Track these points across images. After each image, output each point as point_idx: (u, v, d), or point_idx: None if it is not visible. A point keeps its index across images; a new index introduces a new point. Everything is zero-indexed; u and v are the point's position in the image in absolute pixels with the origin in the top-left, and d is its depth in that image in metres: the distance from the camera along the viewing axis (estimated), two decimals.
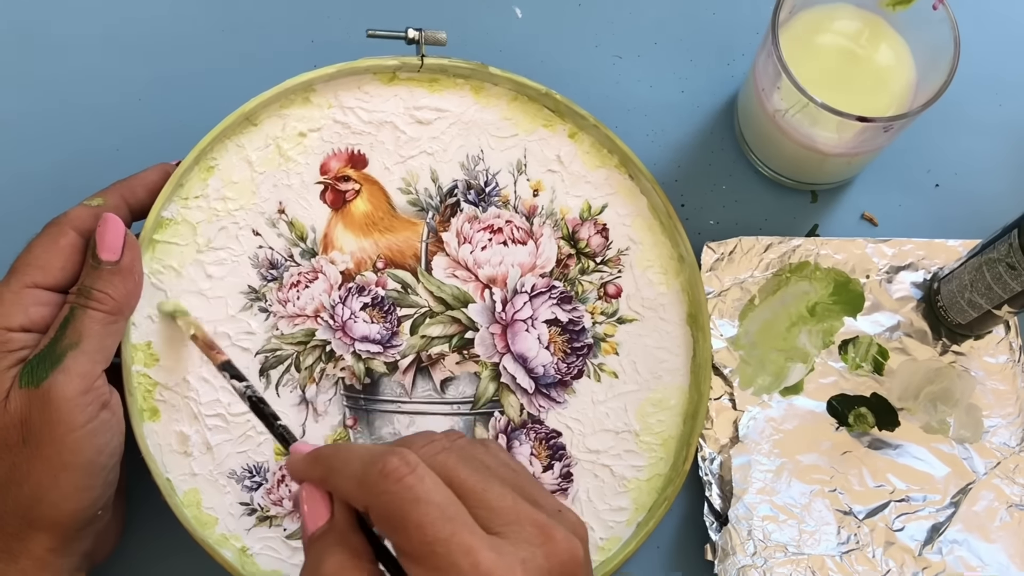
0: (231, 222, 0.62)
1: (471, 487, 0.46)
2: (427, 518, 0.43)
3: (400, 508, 0.44)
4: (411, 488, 0.44)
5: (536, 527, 0.45)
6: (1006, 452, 0.67)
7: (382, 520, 0.45)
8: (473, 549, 0.43)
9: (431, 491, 0.44)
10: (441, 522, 0.43)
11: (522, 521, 0.45)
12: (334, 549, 0.46)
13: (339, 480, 0.47)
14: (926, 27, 0.64)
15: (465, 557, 0.43)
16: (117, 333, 0.56)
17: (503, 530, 0.45)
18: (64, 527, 0.54)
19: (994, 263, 0.62)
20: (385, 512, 0.44)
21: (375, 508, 0.45)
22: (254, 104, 0.61)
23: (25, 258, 0.56)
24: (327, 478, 0.48)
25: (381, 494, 0.44)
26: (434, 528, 0.43)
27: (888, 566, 0.64)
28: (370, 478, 0.45)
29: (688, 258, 0.66)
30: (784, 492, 0.65)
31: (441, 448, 0.47)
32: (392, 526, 0.44)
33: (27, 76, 0.71)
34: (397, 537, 0.44)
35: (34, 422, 0.53)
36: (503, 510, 0.46)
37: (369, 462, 0.45)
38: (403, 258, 0.64)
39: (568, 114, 0.65)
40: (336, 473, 0.47)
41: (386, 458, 0.45)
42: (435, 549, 0.43)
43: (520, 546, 0.44)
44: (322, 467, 0.48)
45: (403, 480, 0.44)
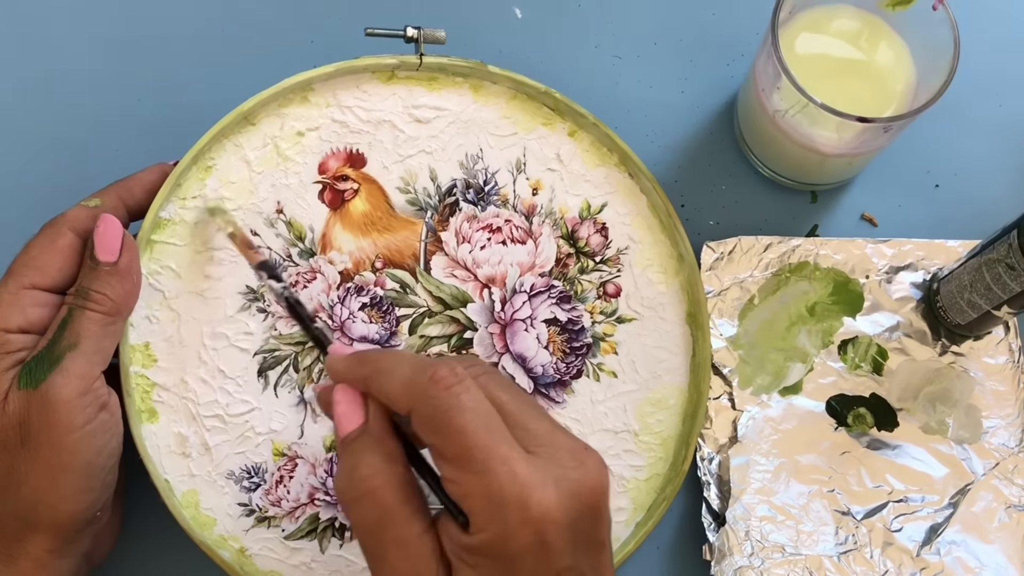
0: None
1: (511, 408, 0.47)
2: (471, 425, 0.45)
3: (446, 413, 0.45)
4: (458, 396, 0.45)
5: (569, 452, 0.47)
6: (1005, 453, 0.66)
7: (425, 423, 0.46)
8: (510, 459, 0.45)
9: (476, 402, 0.46)
10: (483, 431, 0.45)
11: (557, 444, 0.47)
12: (370, 452, 0.48)
13: (386, 381, 0.48)
14: (926, 27, 0.64)
15: (502, 465, 0.44)
16: (115, 334, 0.56)
17: (538, 450, 0.46)
18: (63, 528, 0.54)
19: (994, 264, 0.61)
20: (431, 415, 0.46)
21: (420, 411, 0.46)
22: (252, 103, 0.60)
23: (23, 259, 0.56)
24: (371, 378, 0.49)
25: (429, 398, 0.46)
26: (476, 435, 0.45)
27: (886, 567, 0.64)
28: (419, 382, 0.46)
29: (688, 257, 0.65)
30: (782, 492, 0.65)
31: (484, 371, 0.49)
32: (435, 429, 0.45)
33: (26, 76, 0.71)
34: (439, 439, 0.46)
35: (32, 424, 0.52)
36: (540, 432, 0.47)
37: (420, 368, 0.47)
38: (402, 258, 0.63)
39: (567, 112, 0.65)
40: (384, 374, 0.48)
41: (437, 366, 0.46)
42: (474, 454, 0.45)
43: (553, 465, 0.46)
44: (368, 367, 0.49)
45: (451, 388, 0.46)
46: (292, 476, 0.62)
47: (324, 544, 0.62)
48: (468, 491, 0.45)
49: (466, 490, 0.45)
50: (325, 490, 0.62)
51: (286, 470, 0.62)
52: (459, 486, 0.45)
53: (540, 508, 0.44)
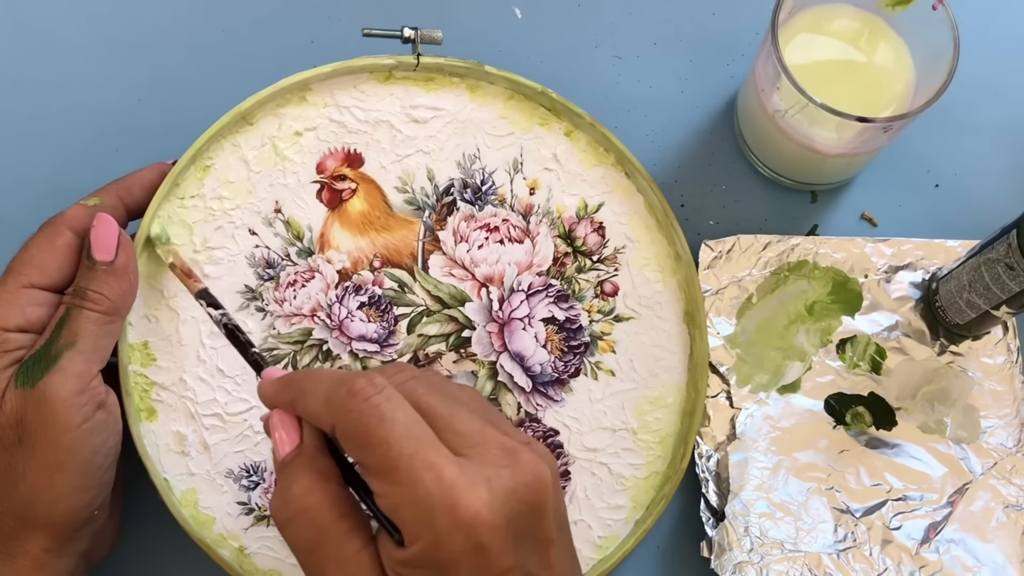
0: (227, 221, 0.61)
1: (439, 412, 0.46)
2: (392, 435, 0.44)
3: (365, 425, 0.44)
4: (377, 407, 0.45)
5: (502, 449, 0.46)
6: (1003, 453, 0.66)
7: (347, 438, 0.45)
8: (436, 465, 0.44)
9: (396, 410, 0.45)
10: (405, 439, 0.44)
11: (488, 444, 0.46)
12: (302, 472, 0.47)
13: (308, 401, 0.47)
14: (926, 27, 0.63)
15: (428, 472, 0.43)
16: (113, 333, 0.56)
17: (468, 452, 0.45)
18: (60, 527, 0.54)
19: (993, 263, 0.61)
20: (351, 430, 0.45)
21: (341, 426, 0.45)
22: (250, 103, 0.60)
23: (21, 258, 0.56)
24: (296, 400, 0.48)
25: (348, 412, 0.45)
26: (399, 444, 0.44)
27: (885, 564, 0.63)
28: (337, 397, 0.45)
29: (685, 256, 0.65)
30: (781, 489, 0.65)
31: (410, 376, 0.48)
32: (357, 443, 0.45)
33: (25, 76, 0.71)
34: (362, 454, 0.45)
35: (29, 422, 0.52)
36: (469, 433, 0.46)
37: (337, 383, 0.46)
38: (400, 257, 0.63)
39: (564, 112, 0.64)
40: (305, 394, 0.47)
41: (354, 379, 0.45)
42: (398, 464, 0.44)
43: (485, 466, 0.45)
44: (293, 390, 0.49)
45: (369, 399, 0.45)
46: None
47: None
48: (397, 503, 0.44)
49: (395, 502, 0.44)
50: None
51: None
52: (388, 499, 0.44)
53: (470, 511, 0.43)
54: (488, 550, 0.43)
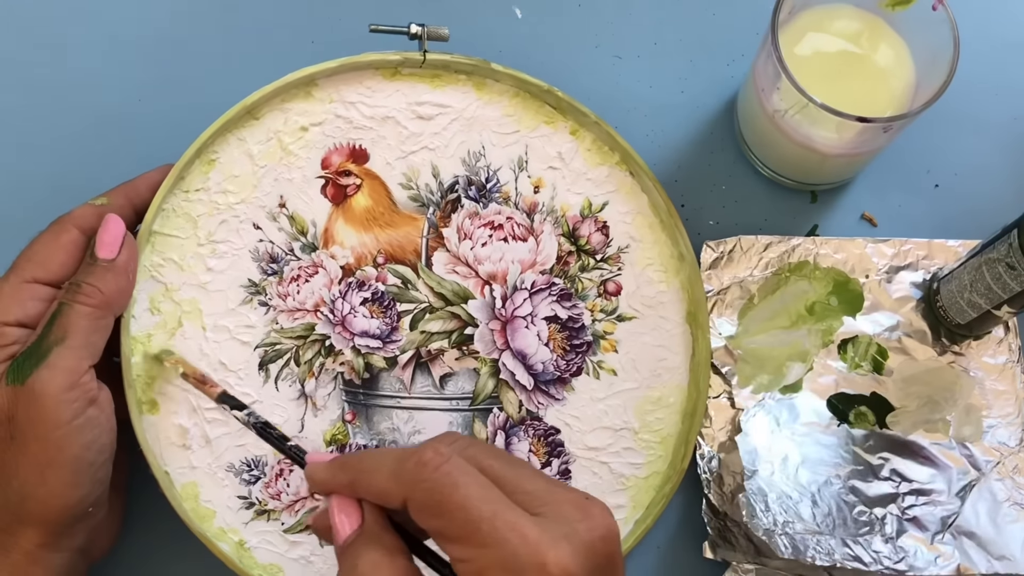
0: (232, 215, 0.63)
1: (505, 474, 0.47)
2: (469, 500, 0.45)
3: (441, 493, 0.45)
4: (449, 474, 0.46)
5: (573, 505, 0.47)
6: (1006, 452, 0.68)
7: (422, 508, 0.46)
8: (518, 524, 0.45)
9: (470, 475, 0.46)
10: (484, 502, 0.45)
11: (559, 501, 0.47)
12: (368, 548, 0.48)
13: (373, 478, 0.48)
14: (926, 27, 0.65)
15: (511, 532, 0.44)
16: (104, 329, 0.57)
17: (542, 510, 0.46)
18: (52, 523, 0.55)
19: (994, 263, 0.63)
20: (426, 500, 0.46)
21: (415, 498, 0.46)
22: (256, 97, 0.62)
23: (26, 254, 0.58)
24: (357, 481, 0.49)
25: (421, 483, 0.46)
26: (478, 508, 0.45)
27: (902, 552, 0.65)
28: (407, 470, 0.46)
29: (688, 256, 0.67)
30: (793, 478, 0.66)
31: (469, 443, 0.49)
32: (434, 512, 0.45)
33: (27, 77, 0.73)
34: (440, 522, 0.45)
35: (20, 419, 0.54)
36: (537, 492, 0.47)
37: (403, 457, 0.47)
38: (403, 253, 0.65)
39: (570, 111, 0.66)
40: (368, 473, 0.48)
41: (421, 451, 0.46)
42: (480, 527, 0.44)
43: (561, 522, 0.46)
44: (351, 471, 0.49)
45: (440, 468, 0.46)
46: (292, 470, 0.63)
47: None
48: (483, 566, 0.44)
49: (480, 565, 0.45)
50: None
51: (286, 464, 0.63)
52: (472, 563, 0.45)
53: (559, 567, 0.44)
54: None
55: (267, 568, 0.62)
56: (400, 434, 0.65)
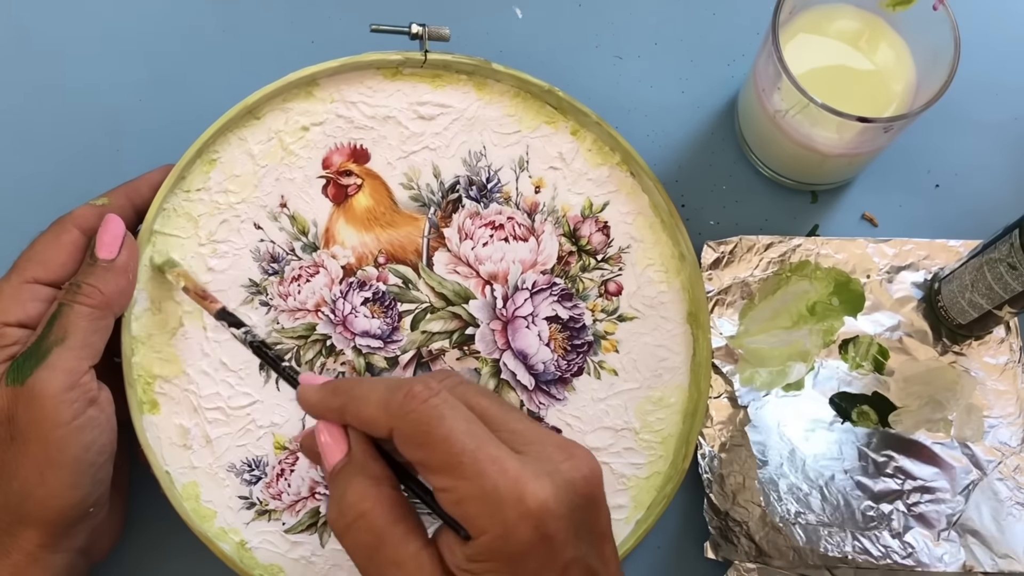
0: (233, 215, 0.63)
1: (493, 413, 0.49)
2: (453, 433, 0.46)
3: (427, 425, 0.46)
4: (436, 407, 0.47)
5: (557, 446, 0.48)
6: (1007, 452, 0.68)
7: (408, 439, 0.47)
8: (499, 458, 0.46)
9: (456, 409, 0.47)
10: (467, 436, 0.46)
11: (543, 441, 0.48)
12: (356, 478, 0.49)
13: (362, 406, 0.49)
14: (926, 27, 0.65)
15: (492, 465, 0.45)
16: (104, 329, 0.57)
17: (525, 448, 0.48)
18: (53, 524, 0.55)
19: (995, 263, 0.63)
20: (411, 431, 0.47)
21: (401, 429, 0.47)
22: (257, 97, 0.62)
23: (27, 254, 0.58)
24: (346, 406, 0.50)
25: (407, 414, 0.47)
26: (461, 441, 0.46)
27: (910, 547, 0.66)
28: (395, 401, 0.47)
29: (689, 256, 0.67)
30: (784, 488, 0.67)
31: (459, 381, 0.50)
32: (419, 443, 0.47)
33: (27, 77, 0.73)
34: (423, 453, 0.47)
35: (20, 419, 0.54)
36: (523, 431, 0.49)
37: (394, 387, 0.48)
38: (404, 253, 0.66)
39: (571, 111, 0.67)
40: (358, 400, 0.49)
41: (411, 383, 0.48)
42: (462, 459, 0.46)
43: (543, 460, 0.47)
44: (342, 396, 0.50)
45: (428, 400, 0.47)
46: (293, 470, 0.63)
47: (324, 538, 0.63)
48: (462, 496, 0.46)
49: (460, 495, 0.46)
50: (326, 484, 0.63)
51: (287, 464, 0.63)
52: (452, 493, 0.46)
53: (537, 500, 0.45)
54: (553, 540, 0.45)
55: (268, 568, 0.63)
56: None
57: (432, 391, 0.47)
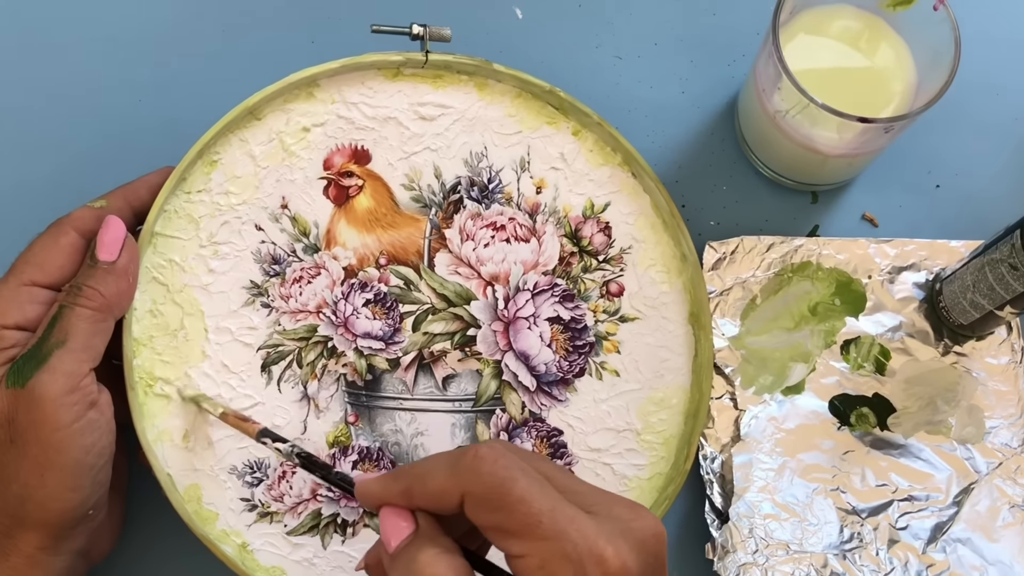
0: (234, 217, 0.64)
1: (555, 474, 0.48)
2: (528, 492, 0.46)
3: (501, 486, 0.46)
4: (508, 467, 0.46)
5: (624, 506, 0.48)
6: (1008, 453, 0.70)
7: (482, 503, 0.47)
8: (577, 518, 0.46)
9: (526, 471, 0.47)
10: (543, 497, 0.46)
11: (609, 502, 0.48)
12: (425, 547, 0.48)
13: (427, 481, 0.48)
14: (927, 28, 0.66)
15: (571, 524, 0.45)
16: (105, 332, 0.58)
17: (595, 509, 0.47)
18: (53, 526, 0.56)
19: (997, 264, 0.64)
20: (485, 493, 0.46)
21: (474, 492, 0.47)
22: (258, 98, 0.63)
23: (25, 256, 0.59)
24: (412, 487, 0.49)
25: (480, 476, 0.46)
26: (538, 502, 0.46)
27: (892, 564, 0.67)
28: (464, 465, 0.47)
29: (690, 257, 0.68)
30: (786, 490, 0.68)
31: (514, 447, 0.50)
32: (494, 505, 0.46)
33: (27, 77, 0.74)
34: (499, 516, 0.46)
35: (20, 422, 0.55)
36: (588, 492, 0.48)
37: (459, 455, 0.48)
38: (406, 254, 0.67)
39: (572, 112, 0.68)
40: (422, 477, 0.49)
41: (476, 447, 0.47)
42: (541, 520, 0.45)
43: (615, 520, 0.47)
44: (404, 478, 0.50)
45: (498, 461, 0.46)
46: (295, 472, 0.64)
47: (326, 540, 0.65)
48: (544, 560, 0.45)
49: (541, 559, 0.45)
50: (327, 486, 0.65)
51: (289, 466, 0.64)
52: (532, 558, 0.45)
53: (618, 561, 0.45)
54: None
55: (270, 571, 0.64)
56: (403, 436, 0.66)
57: (499, 452, 0.47)
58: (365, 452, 0.66)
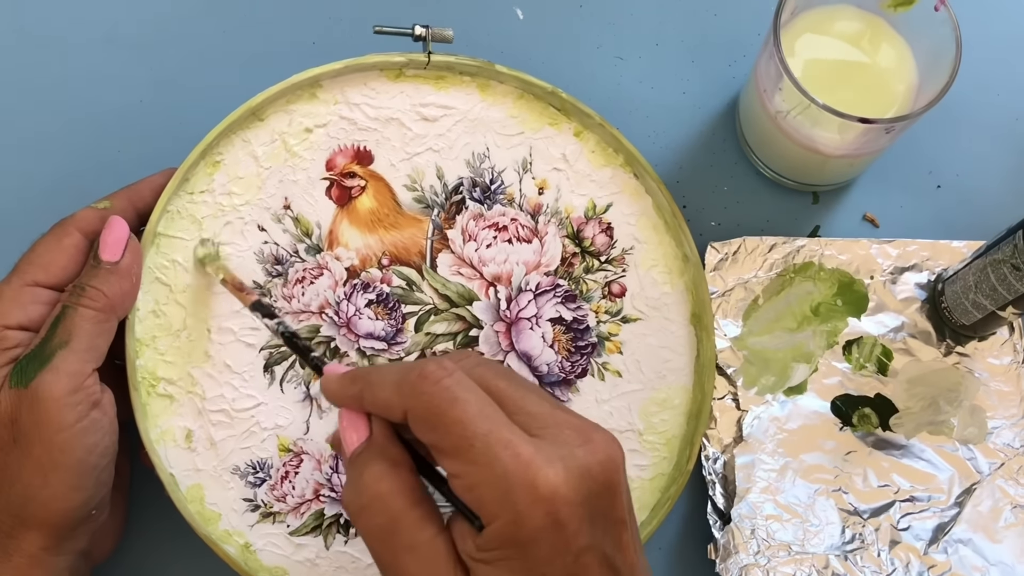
0: (236, 217, 0.65)
1: (509, 394, 0.49)
2: (466, 415, 0.47)
3: (439, 406, 0.47)
4: (449, 388, 0.47)
5: (574, 429, 0.48)
6: (1010, 453, 0.70)
7: (421, 420, 0.48)
8: (512, 443, 0.46)
9: (469, 391, 0.47)
10: (480, 419, 0.47)
11: (560, 424, 0.48)
12: (373, 460, 0.50)
13: (377, 391, 0.50)
14: (928, 28, 0.67)
15: (504, 449, 0.46)
16: (108, 332, 0.59)
17: (541, 432, 0.48)
18: (56, 526, 0.56)
19: (999, 264, 0.65)
20: (424, 412, 0.47)
21: (414, 409, 0.48)
22: (260, 99, 0.64)
23: (28, 257, 0.59)
24: (364, 392, 0.51)
25: (420, 395, 0.47)
26: (473, 424, 0.46)
27: (893, 565, 0.68)
28: (408, 381, 0.48)
29: (692, 258, 0.69)
30: (788, 491, 0.69)
31: (478, 361, 0.51)
32: (431, 424, 0.47)
33: (28, 78, 0.75)
34: (436, 435, 0.47)
35: (23, 422, 0.55)
36: (540, 414, 0.49)
37: (407, 369, 0.49)
38: (408, 255, 0.67)
39: (574, 112, 0.69)
40: (373, 385, 0.50)
41: (424, 364, 0.48)
42: (474, 443, 0.46)
43: (559, 445, 0.47)
44: (360, 383, 0.51)
45: (441, 382, 0.47)
46: (297, 472, 0.65)
47: (329, 540, 0.65)
48: (473, 482, 0.46)
49: (471, 481, 0.46)
50: (330, 486, 0.65)
51: (291, 466, 0.65)
52: (464, 479, 0.47)
53: (549, 486, 0.45)
54: (566, 527, 0.46)
55: (272, 571, 0.64)
56: None
57: (447, 371, 0.48)
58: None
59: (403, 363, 0.52)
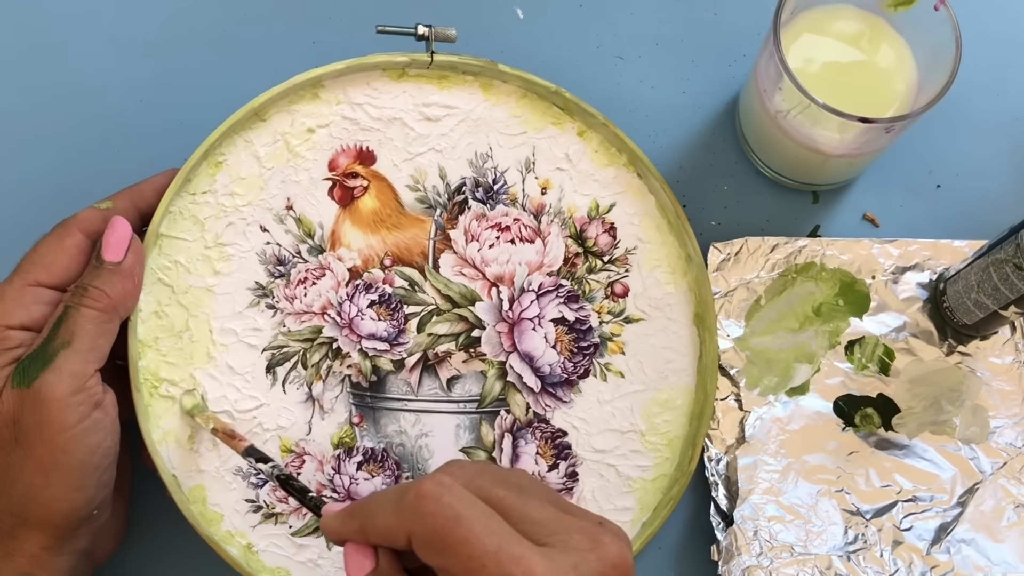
0: (239, 218, 0.65)
1: (510, 503, 0.48)
2: (471, 533, 0.45)
3: (443, 527, 0.45)
4: (450, 506, 0.46)
5: (583, 534, 0.48)
6: (1012, 452, 0.71)
7: (425, 544, 0.46)
8: (524, 558, 0.45)
9: (470, 506, 0.46)
10: (486, 535, 0.45)
11: (568, 530, 0.47)
12: None
13: (377, 520, 0.48)
14: (928, 28, 0.67)
15: (516, 566, 0.45)
16: (111, 333, 0.59)
17: (550, 540, 0.47)
18: (57, 526, 0.56)
19: (1001, 264, 0.65)
20: (427, 534, 0.46)
21: (417, 532, 0.46)
22: (263, 99, 0.64)
23: (30, 257, 0.60)
24: (365, 524, 0.49)
25: (421, 516, 0.46)
26: (480, 542, 0.45)
27: (896, 565, 0.68)
28: (406, 504, 0.47)
29: (695, 258, 0.69)
30: (791, 492, 0.69)
31: (476, 472, 0.49)
32: (437, 548, 0.46)
33: (29, 79, 0.75)
34: (443, 559, 0.46)
35: (25, 422, 0.55)
36: (546, 521, 0.48)
37: (403, 491, 0.47)
38: (410, 255, 0.68)
39: (577, 112, 0.69)
40: (372, 515, 0.49)
41: (420, 484, 0.47)
42: (484, 563, 0.45)
43: (570, 552, 0.46)
44: (359, 515, 0.50)
45: (440, 499, 0.46)
46: (299, 472, 0.65)
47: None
48: None
49: None
50: (332, 487, 0.66)
51: (293, 466, 0.66)
52: None
53: None
54: None
55: (274, 571, 0.64)
56: (407, 437, 0.67)
57: (445, 488, 0.46)
58: (370, 453, 0.67)
59: (399, 485, 0.50)
